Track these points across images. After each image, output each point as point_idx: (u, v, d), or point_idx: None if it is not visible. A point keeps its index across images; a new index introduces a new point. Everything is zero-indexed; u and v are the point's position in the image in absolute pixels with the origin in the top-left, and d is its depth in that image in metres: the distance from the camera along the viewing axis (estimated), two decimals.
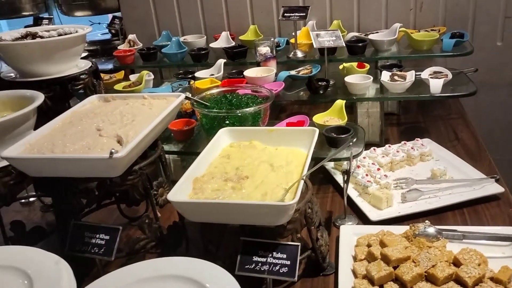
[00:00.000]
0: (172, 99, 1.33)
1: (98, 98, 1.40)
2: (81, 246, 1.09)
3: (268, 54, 1.99)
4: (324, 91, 1.84)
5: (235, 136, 1.34)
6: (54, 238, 1.33)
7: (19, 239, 1.26)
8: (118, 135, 1.12)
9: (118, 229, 1.09)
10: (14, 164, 1.04)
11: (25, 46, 1.46)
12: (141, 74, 2.03)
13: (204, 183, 1.12)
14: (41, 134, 1.15)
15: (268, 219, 0.98)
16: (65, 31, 1.64)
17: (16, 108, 1.34)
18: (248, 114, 1.54)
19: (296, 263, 0.96)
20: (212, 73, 2.09)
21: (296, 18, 2.02)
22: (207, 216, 1.02)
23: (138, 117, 1.22)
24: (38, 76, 1.51)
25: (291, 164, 1.19)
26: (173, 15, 2.54)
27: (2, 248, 0.92)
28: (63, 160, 1.00)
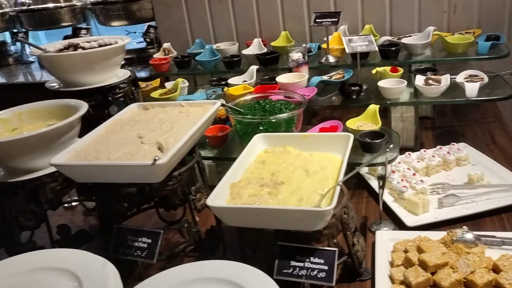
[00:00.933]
0: (209, 107, 1.37)
1: (138, 106, 1.45)
2: (125, 249, 1.13)
3: (300, 60, 2.01)
4: (357, 96, 1.84)
5: (270, 142, 1.36)
6: (96, 241, 1.39)
7: (65, 242, 1.32)
8: (159, 142, 1.16)
9: (160, 233, 1.13)
10: (62, 170, 1.10)
11: (68, 58, 1.53)
12: (176, 82, 2.08)
13: (241, 189, 1.15)
14: (86, 142, 1.21)
15: (305, 224, 1.00)
16: (105, 41, 1.71)
17: (61, 116, 1.40)
18: (281, 120, 1.57)
19: (334, 268, 0.97)
20: (245, 80, 2.12)
21: (328, 23, 2.03)
22: (244, 221, 1.05)
23: (177, 125, 1.26)
24: (80, 85, 1.58)
25: (326, 170, 1.20)
26: (206, 23, 2.60)
27: (53, 251, 0.97)
28: (108, 167, 1.04)
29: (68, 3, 3.09)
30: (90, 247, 1.38)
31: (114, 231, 1.16)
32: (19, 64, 3.43)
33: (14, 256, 0.96)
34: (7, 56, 3.49)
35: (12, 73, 3.26)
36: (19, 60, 3.46)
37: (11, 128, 1.39)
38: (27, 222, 1.25)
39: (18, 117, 1.41)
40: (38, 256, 0.95)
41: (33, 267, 0.92)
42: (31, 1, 3.05)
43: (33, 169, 1.26)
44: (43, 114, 1.43)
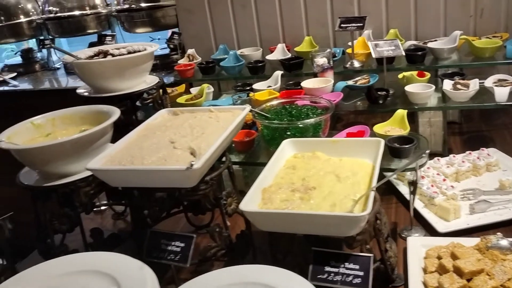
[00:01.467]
0: (238, 112, 1.38)
1: (168, 112, 1.46)
2: (158, 253, 1.15)
3: (325, 65, 2.01)
4: (383, 100, 1.83)
5: (299, 147, 1.36)
6: (127, 244, 1.40)
7: (98, 245, 1.34)
8: (191, 147, 1.17)
9: (193, 237, 1.14)
10: (98, 175, 1.12)
11: (99, 64, 1.57)
12: (202, 87, 2.10)
13: (272, 194, 1.15)
14: (119, 147, 1.23)
15: (339, 230, 1.00)
16: (134, 48, 1.74)
17: (93, 122, 1.43)
18: (309, 125, 1.57)
19: (370, 274, 0.96)
20: (269, 85, 2.13)
21: (353, 28, 2.03)
22: (278, 226, 1.05)
23: (208, 130, 1.28)
24: (110, 91, 1.61)
25: (357, 175, 1.19)
26: (230, 29, 2.62)
27: (90, 254, 0.98)
28: (143, 172, 1.06)
29: (94, 11, 3.15)
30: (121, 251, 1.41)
31: (147, 235, 1.18)
32: (46, 70, 3.50)
33: (54, 259, 0.98)
34: (34, 62, 3.57)
35: (38, 80, 3.33)
36: (45, 66, 3.54)
37: (45, 133, 1.42)
38: (61, 226, 1.28)
39: (52, 122, 1.44)
40: (77, 259, 0.97)
41: (72, 269, 0.94)
42: (58, 9, 3.12)
43: (67, 173, 1.28)
44: (76, 120, 1.46)
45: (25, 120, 1.40)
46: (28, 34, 3.47)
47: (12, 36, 3.45)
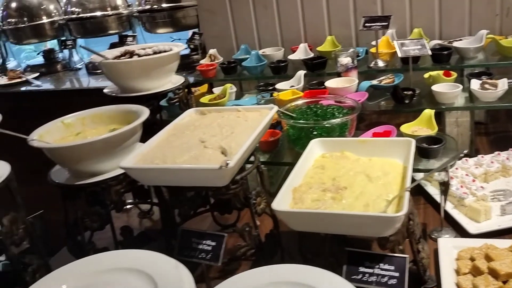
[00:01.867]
0: (266, 112, 1.38)
1: (195, 111, 1.47)
2: (189, 252, 1.15)
3: (349, 65, 2.00)
4: (410, 100, 1.81)
5: (327, 147, 1.36)
6: (156, 243, 1.41)
7: (128, 244, 1.35)
8: (222, 146, 1.17)
9: (224, 236, 1.14)
10: (131, 173, 1.13)
11: (127, 64, 1.58)
12: (225, 87, 2.11)
13: (303, 193, 1.15)
14: (150, 146, 1.24)
15: (374, 230, 0.99)
16: (160, 49, 1.75)
17: (122, 121, 1.45)
18: (335, 125, 1.56)
19: (406, 275, 0.96)
20: (292, 85, 2.13)
21: (378, 27, 2.01)
22: (310, 226, 1.04)
23: (237, 129, 1.28)
24: (137, 91, 1.62)
25: (389, 175, 1.18)
26: (251, 29, 2.62)
27: (126, 252, 0.99)
28: (177, 170, 1.07)
29: (115, 11, 3.18)
30: (150, 249, 1.42)
31: (178, 234, 1.18)
32: (67, 70, 3.55)
33: (90, 256, 0.99)
34: (56, 63, 3.61)
35: (61, 80, 3.37)
36: (67, 67, 3.58)
37: (75, 132, 1.44)
38: (93, 224, 1.29)
39: (81, 121, 1.46)
40: (113, 257, 0.98)
41: (109, 267, 0.94)
42: (80, 10, 3.16)
43: (97, 172, 1.30)
44: (105, 119, 1.47)
45: (55, 119, 1.41)
46: (50, 34, 3.52)
47: (35, 37, 3.50)
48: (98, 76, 3.27)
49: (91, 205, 1.30)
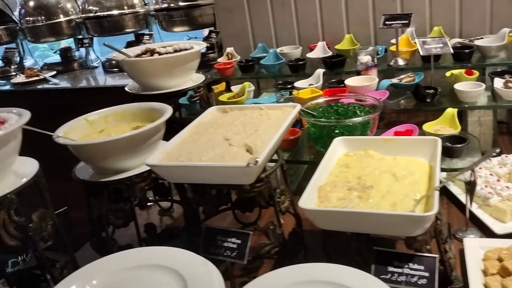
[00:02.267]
0: (289, 110, 1.38)
1: (217, 109, 1.47)
2: (214, 249, 1.15)
3: (369, 63, 1.99)
4: (431, 99, 1.79)
5: (350, 146, 1.35)
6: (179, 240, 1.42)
7: (151, 241, 1.36)
8: (247, 144, 1.17)
9: (249, 234, 1.14)
10: (157, 170, 1.13)
11: (150, 62, 1.58)
12: (243, 86, 2.11)
13: (328, 192, 1.14)
14: (174, 144, 1.24)
15: (404, 229, 0.98)
16: (180, 47, 1.76)
17: (145, 119, 1.45)
18: (357, 123, 1.55)
19: (436, 275, 0.95)
20: (311, 83, 2.12)
21: (398, 25, 2.00)
22: (338, 224, 1.04)
23: (261, 127, 1.28)
24: (158, 89, 1.63)
25: (415, 174, 1.17)
26: (268, 27, 2.62)
27: (154, 248, 0.99)
28: (204, 168, 1.07)
29: (132, 10, 3.20)
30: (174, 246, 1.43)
31: (202, 231, 1.18)
32: (84, 69, 3.57)
33: (118, 253, 1.00)
34: (72, 61, 3.65)
35: (77, 78, 3.40)
36: (83, 65, 3.61)
37: (98, 129, 1.44)
38: (117, 220, 1.29)
39: (104, 119, 1.46)
40: (141, 253, 0.98)
41: (137, 263, 0.95)
42: (98, 8, 3.18)
43: (121, 169, 1.30)
44: (127, 116, 1.48)
45: (79, 117, 1.42)
46: (67, 33, 3.54)
47: (52, 35, 3.53)
48: (115, 75, 3.30)
49: (115, 202, 1.31)
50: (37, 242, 0.99)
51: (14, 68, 3.67)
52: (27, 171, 1.05)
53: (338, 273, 0.83)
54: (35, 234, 0.98)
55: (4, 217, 0.93)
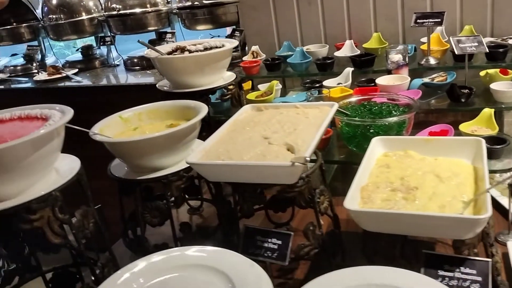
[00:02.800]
0: (326, 109, 1.35)
1: (251, 107, 1.45)
2: (254, 250, 1.13)
3: (400, 62, 1.96)
4: (466, 99, 1.76)
5: (389, 146, 1.32)
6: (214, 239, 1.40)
7: (187, 240, 1.35)
8: (287, 143, 1.15)
9: (290, 235, 1.12)
10: (198, 169, 1.12)
11: (183, 60, 1.58)
12: (271, 84, 2.09)
13: (371, 193, 1.12)
14: (212, 142, 1.22)
15: (454, 232, 0.95)
16: (211, 44, 1.75)
17: (179, 117, 1.44)
18: (393, 123, 1.53)
19: (489, 279, 0.92)
20: (339, 82, 2.09)
21: (431, 24, 1.96)
22: (385, 226, 1.01)
23: (299, 126, 1.25)
24: (190, 87, 1.62)
25: (459, 176, 1.14)
26: (293, 25, 2.59)
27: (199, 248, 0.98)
28: (247, 167, 1.05)
29: (155, 8, 3.19)
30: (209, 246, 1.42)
31: (241, 231, 1.17)
32: (105, 67, 3.58)
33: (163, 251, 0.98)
34: (94, 59, 3.66)
35: (99, 76, 3.41)
36: (104, 63, 3.62)
37: (132, 127, 1.43)
38: (153, 219, 1.28)
39: (138, 117, 1.45)
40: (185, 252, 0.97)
41: (183, 263, 0.93)
42: (121, 7, 3.18)
43: (157, 167, 1.29)
44: (161, 114, 1.47)
45: (113, 114, 1.41)
46: (89, 31, 3.55)
47: (74, 33, 3.54)
48: (137, 73, 3.30)
49: (149, 200, 1.30)
50: (80, 240, 0.98)
51: (36, 65, 3.69)
52: (69, 168, 1.05)
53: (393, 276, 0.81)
54: (78, 232, 0.97)
55: (49, 215, 0.92)
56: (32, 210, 0.90)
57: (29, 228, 0.90)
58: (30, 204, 0.90)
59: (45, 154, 0.94)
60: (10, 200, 0.92)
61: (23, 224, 0.90)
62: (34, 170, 0.93)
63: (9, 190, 0.92)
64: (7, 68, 3.82)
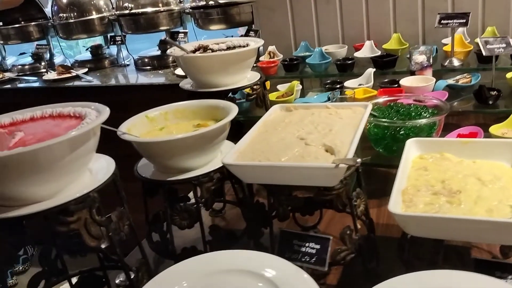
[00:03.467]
0: (360, 109, 1.32)
1: (280, 108, 1.42)
2: (291, 254, 1.10)
3: (424, 63, 1.92)
4: (494, 101, 1.73)
5: (424, 148, 1.28)
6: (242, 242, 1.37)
7: (216, 243, 1.31)
8: (326, 144, 1.12)
9: (329, 239, 1.08)
10: (234, 170, 1.08)
11: (209, 59, 1.54)
12: (292, 85, 2.06)
13: (413, 196, 1.08)
14: (245, 143, 1.19)
15: (504, 237, 0.92)
16: (234, 43, 1.71)
17: (206, 117, 1.40)
18: (424, 124, 1.49)
19: None
20: (361, 83, 2.06)
21: (456, 25, 1.93)
22: (432, 231, 0.98)
23: (335, 127, 1.22)
24: (214, 86, 1.58)
25: (502, 179, 1.11)
26: (311, 26, 2.56)
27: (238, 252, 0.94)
28: (289, 168, 1.01)
29: (167, 8, 3.16)
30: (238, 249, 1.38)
31: (277, 235, 1.13)
32: (115, 66, 3.55)
33: (201, 255, 0.95)
34: (103, 59, 3.62)
35: (110, 76, 3.37)
36: (114, 63, 3.58)
37: (158, 127, 1.40)
38: (182, 221, 1.25)
39: (164, 116, 1.42)
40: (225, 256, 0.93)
41: (224, 267, 0.90)
42: (133, 6, 3.15)
43: (185, 168, 1.25)
44: (188, 114, 1.43)
45: (140, 113, 1.38)
46: (98, 30, 3.52)
47: (84, 32, 3.51)
48: (148, 73, 3.27)
49: (175, 202, 1.27)
50: (116, 243, 0.94)
51: (44, 64, 3.66)
52: (103, 168, 1.01)
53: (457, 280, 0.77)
54: (114, 235, 0.94)
55: (86, 217, 0.89)
56: (70, 211, 0.86)
57: (66, 231, 0.87)
58: (68, 205, 0.86)
59: (81, 154, 0.90)
60: (46, 202, 0.88)
61: (59, 226, 0.86)
62: (69, 171, 0.89)
63: (43, 191, 0.88)
64: (15, 67, 3.79)
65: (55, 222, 0.86)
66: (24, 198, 0.87)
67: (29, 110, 1.04)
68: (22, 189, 0.84)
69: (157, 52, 3.40)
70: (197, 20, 3.02)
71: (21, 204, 0.87)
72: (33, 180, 0.83)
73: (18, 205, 0.87)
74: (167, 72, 3.15)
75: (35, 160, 0.81)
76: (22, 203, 0.87)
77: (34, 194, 0.86)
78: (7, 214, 0.85)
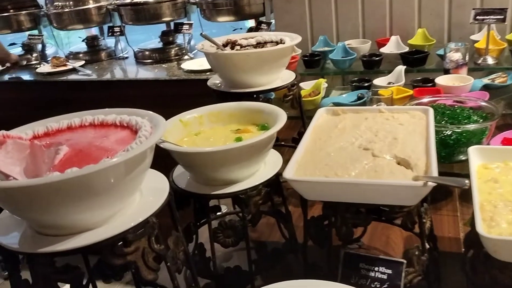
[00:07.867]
0: (419, 114, 1.21)
1: (326, 111, 1.29)
2: (358, 279, 0.98)
3: (460, 61, 1.82)
4: None
5: (487, 156, 1.18)
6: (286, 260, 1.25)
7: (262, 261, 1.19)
8: (397, 155, 1.01)
9: (403, 263, 0.97)
10: (297, 186, 0.95)
11: (246, 56, 1.40)
12: (318, 83, 1.93)
13: (492, 214, 0.98)
14: (301, 153, 1.07)
15: None
16: (265, 39, 1.57)
17: (243, 121, 1.28)
18: (476, 129, 1.40)
19: None
20: (390, 81, 1.95)
21: (492, 21, 1.83)
22: None
23: (399, 135, 1.10)
24: (248, 86, 1.45)
25: None
26: (329, 19, 2.43)
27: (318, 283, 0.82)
28: (365, 186, 0.89)
29: None
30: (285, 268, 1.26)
31: (340, 257, 1.01)
32: (113, 59, 3.36)
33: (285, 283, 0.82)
34: (100, 50, 3.43)
35: (108, 69, 3.19)
36: (112, 55, 3.40)
37: (193, 132, 1.26)
38: (226, 239, 1.12)
39: (198, 120, 1.28)
40: None
41: None
42: None
43: (231, 180, 1.13)
44: (223, 117, 1.30)
45: (173, 117, 1.24)
46: (95, 20, 3.32)
47: (80, 22, 3.31)
48: (148, 66, 3.10)
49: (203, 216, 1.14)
50: (173, 274, 0.81)
51: (36, 56, 3.45)
52: (155, 188, 0.87)
53: None
54: (172, 264, 0.80)
55: (144, 246, 0.75)
56: (127, 241, 0.73)
57: (122, 264, 0.73)
58: (126, 234, 0.72)
59: (138, 173, 0.76)
60: (98, 230, 0.74)
61: (115, 259, 0.72)
62: (125, 193, 0.75)
63: (96, 217, 0.74)
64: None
65: (110, 254, 0.72)
66: (72, 226, 0.73)
67: (65, 117, 0.89)
68: (74, 217, 0.70)
69: (159, 44, 3.23)
70: (204, 10, 2.86)
71: (68, 233, 0.73)
72: (88, 206, 0.69)
73: (65, 234, 0.73)
74: (171, 66, 2.99)
75: (93, 182, 0.68)
76: (70, 231, 0.73)
77: (86, 221, 0.72)
78: (61, 245, 0.71)
